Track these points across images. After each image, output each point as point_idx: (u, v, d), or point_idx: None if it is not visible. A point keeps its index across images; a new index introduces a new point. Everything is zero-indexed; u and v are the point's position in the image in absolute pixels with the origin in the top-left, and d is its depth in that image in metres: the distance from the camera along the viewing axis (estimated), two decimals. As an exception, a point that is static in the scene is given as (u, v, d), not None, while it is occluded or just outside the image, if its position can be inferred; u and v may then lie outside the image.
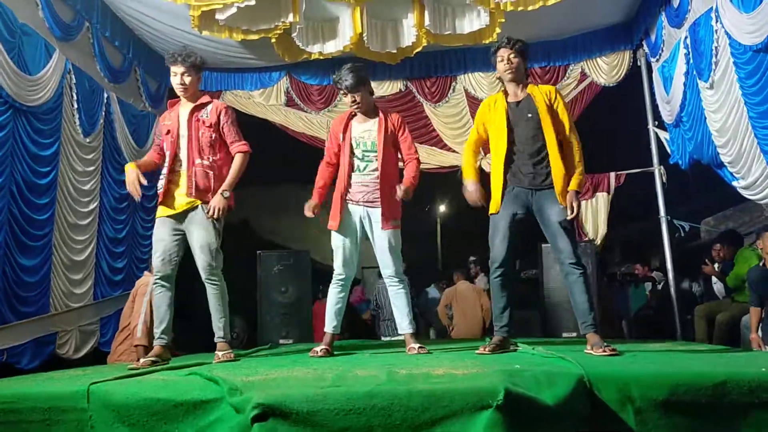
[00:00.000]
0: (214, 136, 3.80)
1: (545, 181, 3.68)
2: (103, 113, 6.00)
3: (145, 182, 3.66)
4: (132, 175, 3.63)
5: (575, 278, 3.60)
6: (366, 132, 4.03)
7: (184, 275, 4.35)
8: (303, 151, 7.55)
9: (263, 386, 2.27)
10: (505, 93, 3.87)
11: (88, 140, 5.72)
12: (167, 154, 3.78)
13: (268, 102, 7.38)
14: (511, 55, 3.75)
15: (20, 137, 4.80)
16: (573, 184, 3.67)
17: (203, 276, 3.75)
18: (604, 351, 3.31)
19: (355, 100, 3.96)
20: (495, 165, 3.79)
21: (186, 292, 5.01)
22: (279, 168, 8.51)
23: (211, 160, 3.78)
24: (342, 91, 4.00)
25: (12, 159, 4.71)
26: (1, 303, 4.62)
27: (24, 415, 2.35)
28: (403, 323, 4.03)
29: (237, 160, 3.85)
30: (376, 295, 7.77)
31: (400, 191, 3.89)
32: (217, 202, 3.69)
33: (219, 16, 5.73)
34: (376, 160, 3.98)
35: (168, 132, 3.80)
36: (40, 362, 4.91)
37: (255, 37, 6.12)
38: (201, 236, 3.69)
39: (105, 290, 5.97)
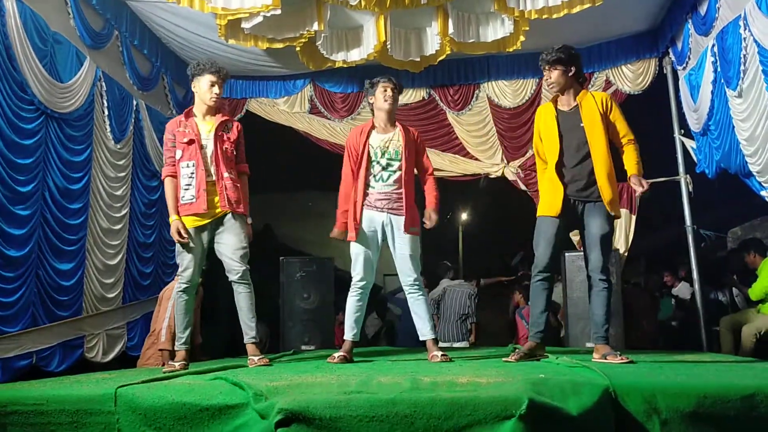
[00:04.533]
0: (234, 152, 3.99)
1: (593, 192, 3.74)
2: (133, 120, 6.09)
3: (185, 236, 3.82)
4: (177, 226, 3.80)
5: (599, 291, 3.71)
6: (389, 141, 4.07)
7: (208, 281, 4.42)
8: (326, 158, 7.59)
9: (288, 392, 2.29)
10: (555, 100, 3.91)
11: (118, 146, 5.82)
12: (191, 163, 3.84)
13: (292, 109, 7.43)
14: (548, 70, 3.80)
15: (53, 144, 4.90)
16: (632, 170, 3.79)
17: (237, 277, 3.85)
18: (622, 359, 3.44)
19: (393, 99, 4.10)
20: (548, 170, 3.84)
21: (210, 298, 5.09)
22: (302, 175, 8.58)
23: (233, 174, 3.95)
24: (382, 85, 4.12)
25: (45, 165, 4.80)
26: (37, 306, 4.70)
27: (51, 417, 2.39)
28: (425, 329, 4.04)
29: (246, 182, 4.08)
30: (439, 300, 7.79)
31: (430, 218, 4.04)
32: (248, 230, 3.98)
33: (245, 25, 5.80)
34: (400, 169, 4.02)
35: (190, 141, 3.86)
36: (69, 365, 4.97)
37: (280, 45, 6.17)
38: (238, 240, 3.87)
39: (133, 295, 6.04)
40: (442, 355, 3.83)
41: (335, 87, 7.37)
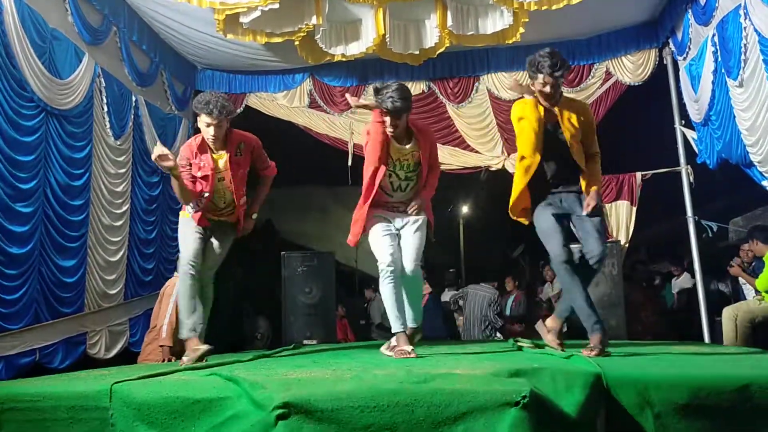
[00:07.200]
0: (246, 171, 4.03)
1: (573, 189, 3.77)
2: (132, 116, 6.10)
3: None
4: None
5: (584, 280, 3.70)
6: (407, 154, 3.88)
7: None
8: (326, 152, 7.58)
9: (284, 386, 2.29)
10: (537, 104, 3.81)
11: (118, 143, 5.83)
12: (205, 194, 3.88)
13: (291, 104, 7.43)
14: (555, 80, 3.59)
15: (53, 140, 4.92)
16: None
17: (210, 274, 4.00)
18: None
19: (396, 126, 3.75)
20: (527, 173, 3.78)
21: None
22: (302, 169, 8.56)
23: (244, 198, 4.05)
24: (384, 113, 3.71)
25: (45, 162, 4.83)
26: (40, 303, 4.73)
27: (48, 413, 2.41)
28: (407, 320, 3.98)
29: (268, 182, 4.18)
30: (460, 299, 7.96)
31: (415, 205, 3.84)
32: (250, 225, 4.08)
33: (243, 20, 5.80)
34: (418, 178, 3.94)
35: (204, 177, 3.85)
36: (72, 362, 5.01)
37: (279, 39, 6.17)
38: (225, 243, 4.02)
39: (135, 291, 6.07)
40: (398, 351, 3.69)
41: (334, 81, 7.36)
